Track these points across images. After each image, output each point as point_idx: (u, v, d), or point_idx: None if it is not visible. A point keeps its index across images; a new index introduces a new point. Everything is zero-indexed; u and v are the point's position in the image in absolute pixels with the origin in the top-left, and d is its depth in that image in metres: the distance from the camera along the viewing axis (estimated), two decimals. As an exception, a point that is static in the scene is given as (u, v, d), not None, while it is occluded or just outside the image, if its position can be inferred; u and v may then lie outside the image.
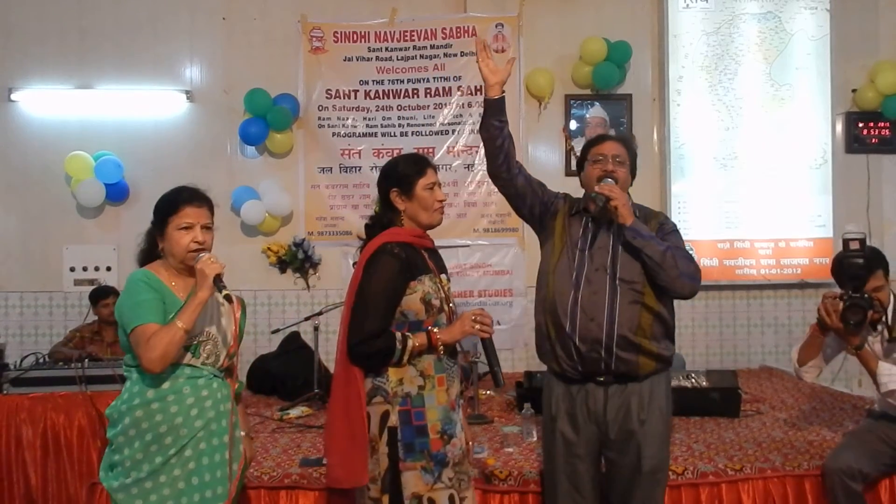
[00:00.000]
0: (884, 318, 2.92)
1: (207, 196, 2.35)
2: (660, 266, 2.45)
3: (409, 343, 2.33)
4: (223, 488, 2.27)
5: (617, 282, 2.49)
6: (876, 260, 2.95)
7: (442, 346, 2.37)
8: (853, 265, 2.80)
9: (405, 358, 2.33)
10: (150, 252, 2.36)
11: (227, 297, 2.25)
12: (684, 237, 2.71)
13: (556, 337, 2.55)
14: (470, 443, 2.57)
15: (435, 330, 2.37)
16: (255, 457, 2.73)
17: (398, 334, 2.33)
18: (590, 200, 2.54)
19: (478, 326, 2.39)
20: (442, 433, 2.37)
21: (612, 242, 2.54)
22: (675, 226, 2.66)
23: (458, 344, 2.58)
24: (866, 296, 2.79)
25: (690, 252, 2.68)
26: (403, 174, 2.48)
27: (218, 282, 2.23)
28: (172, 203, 2.28)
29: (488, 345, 2.45)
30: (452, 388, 2.43)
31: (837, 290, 2.85)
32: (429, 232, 2.54)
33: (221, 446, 2.28)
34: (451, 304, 2.49)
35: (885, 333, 2.93)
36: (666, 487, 2.65)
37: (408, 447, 2.34)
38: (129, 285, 2.26)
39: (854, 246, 2.80)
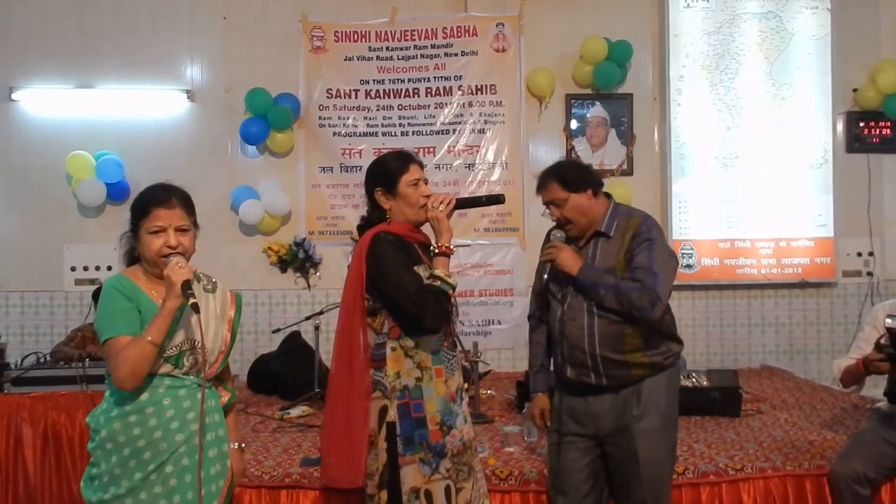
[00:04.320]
0: None
1: (185, 194, 2.21)
2: (614, 308, 2.52)
3: (440, 273, 2.38)
4: None
5: (593, 307, 2.56)
6: None
7: (452, 246, 2.46)
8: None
9: (451, 281, 2.39)
10: (133, 254, 2.24)
11: (195, 307, 2.07)
12: (685, 237, 2.73)
13: (554, 359, 2.72)
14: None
15: (433, 246, 2.45)
16: (244, 471, 2.54)
17: (425, 277, 2.38)
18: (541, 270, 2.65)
19: (442, 207, 2.45)
20: (441, 424, 2.37)
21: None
22: (649, 234, 2.56)
23: (458, 342, 2.59)
24: None
25: (673, 254, 2.67)
26: (386, 173, 2.48)
27: (186, 289, 2.05)
28: (142, 206, 2.15)
29: (463, 202, 2.58)
30: (452, 380, 2.44)
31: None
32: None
33: (206, 462, 2.14)
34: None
35: None
36: (670, 484, 2.65)
37: (407, 441, 2.34)
38: (103, 293, 2.14)
39: None
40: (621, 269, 2.55)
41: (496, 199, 2.64)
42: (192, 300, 2.06)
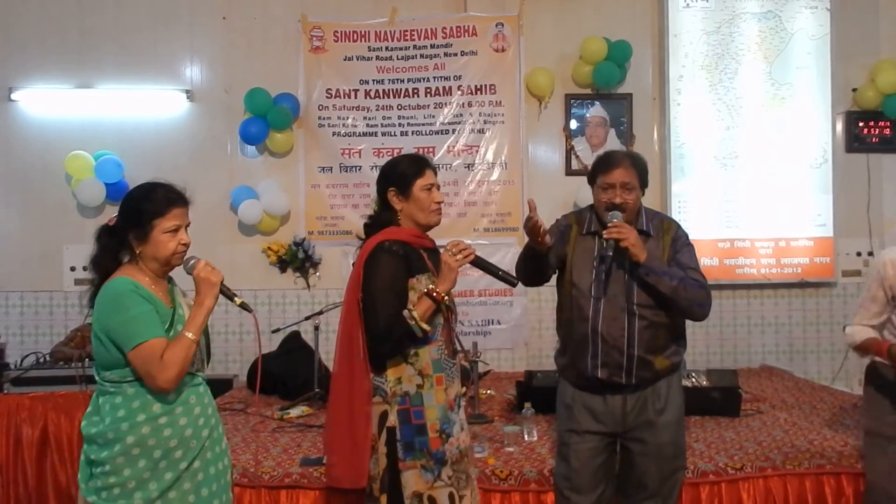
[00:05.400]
0: None
1: (185, 193, 2.23)
2: (672, 300, 2.55)
3: (416, 314, 2.33)
4: (227, 496, 2.23)
5: (634, 307, 2.57)
6: None
7: (446, 297, 2.38)
8: None
9: (424, 326, 2.33)
10: (112, 256, 2.16)
11: (244, 306, 2.23)
12: (684, 236, 2.76)
13: (576, 358, 2.66)
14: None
15: (431, 286, 2.38)
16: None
17: (405, 312, 2.34)
18: (603, 248, 2.58)
19: (460, 257, 2.41)
20: (440, 432, 2.38)
21: (627, 267, 2.59)
22: (687, 238, 2.72)
23: (458, 343, 2.59)
24: None
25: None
26: (401, 174, 2.49)
27: (226, 290, 2.18)
28: (159, 205, 2.13)
29: (480, 262, 2.49)
30: (451, 388, 2.44)
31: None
32: (430, 231, 2.54)
33: (222, 453, 2.24)
34: (449, 304, 2.49)
35: None
36: (683, 477, 2.76)
37: (407, 446, 2.35)
38: (115, 297, 2.07)
39: None
40: None
41: (510, 281, 2.55)
42: (238, 300, 2.22)
